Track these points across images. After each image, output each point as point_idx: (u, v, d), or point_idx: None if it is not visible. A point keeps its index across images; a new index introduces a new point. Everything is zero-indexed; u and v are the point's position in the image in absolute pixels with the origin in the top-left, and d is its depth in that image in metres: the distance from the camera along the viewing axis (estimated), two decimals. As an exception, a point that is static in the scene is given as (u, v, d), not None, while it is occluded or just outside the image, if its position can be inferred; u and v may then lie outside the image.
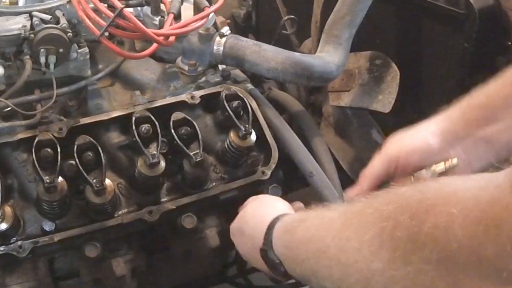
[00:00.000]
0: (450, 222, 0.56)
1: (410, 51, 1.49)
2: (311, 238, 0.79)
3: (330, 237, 0.74)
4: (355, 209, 0.73)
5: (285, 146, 1.35)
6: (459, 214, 0.55)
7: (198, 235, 1.31)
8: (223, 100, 1.29)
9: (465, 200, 0.56)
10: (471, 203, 0.55)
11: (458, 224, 0.55)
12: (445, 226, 0.56)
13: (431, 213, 0.58)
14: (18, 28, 1.22)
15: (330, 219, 0.77)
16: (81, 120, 1.25)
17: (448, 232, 0.56)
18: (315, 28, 1.62)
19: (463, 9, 1.28)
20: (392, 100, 1.44)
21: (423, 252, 0.59)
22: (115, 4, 1.23)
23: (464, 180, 0.61)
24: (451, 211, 0.56)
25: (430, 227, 0.58)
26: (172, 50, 1.45)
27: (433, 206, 0.59)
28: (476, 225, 0.54)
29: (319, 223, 0.79)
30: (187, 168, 1.23)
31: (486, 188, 0.56)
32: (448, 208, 0.57)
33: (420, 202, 0.61)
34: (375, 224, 0.66)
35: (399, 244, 0.61)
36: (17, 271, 1.18)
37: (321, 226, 0.78)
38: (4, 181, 1.18)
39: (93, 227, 1.18)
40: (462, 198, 0.57)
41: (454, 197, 0.58)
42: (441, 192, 0.60)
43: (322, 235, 0.76)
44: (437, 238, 0.57)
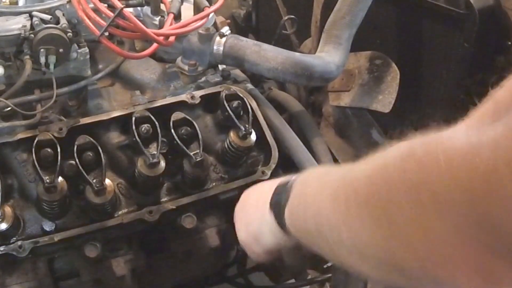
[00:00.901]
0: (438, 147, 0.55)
1: (410, 51, 1.49)
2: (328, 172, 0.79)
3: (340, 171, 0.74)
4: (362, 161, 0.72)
5: (285, 146, 1.35)
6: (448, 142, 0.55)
7: (198, 235, 1.31)
8: (223, 100, 1.29)
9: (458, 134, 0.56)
10: (462, 135, 0.55)
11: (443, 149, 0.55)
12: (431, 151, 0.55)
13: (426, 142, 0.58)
14: (18, 28, 1.22)
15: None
16: (81, 120, 1.25)
17: (432, 155, 0.55)
18: (315, 28, 1.62)
19: (463, 9, 1.28)
20: (392, 100, 1.44)
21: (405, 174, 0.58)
22: (115, 4, 1.23)
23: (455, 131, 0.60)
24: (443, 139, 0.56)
25: (419, 151, 0.57)
26: (172, 50, 1.45)
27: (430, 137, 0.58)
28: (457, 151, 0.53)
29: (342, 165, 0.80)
30: (187, 168, 1.23)
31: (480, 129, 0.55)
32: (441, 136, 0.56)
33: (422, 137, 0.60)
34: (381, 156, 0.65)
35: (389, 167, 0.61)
36: (17, 271, 1.18)
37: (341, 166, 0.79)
38: (4, 181, 1.18)
39: (93, 227, 1.18)
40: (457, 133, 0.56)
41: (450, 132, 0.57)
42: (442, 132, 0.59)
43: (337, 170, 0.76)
44: (421, 161, 0.56)
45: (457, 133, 0.57)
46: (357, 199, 0.65)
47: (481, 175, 0.50)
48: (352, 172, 0.70)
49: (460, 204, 0.52)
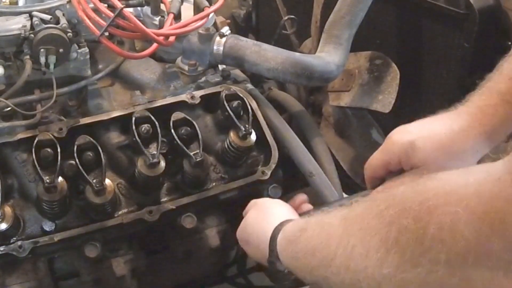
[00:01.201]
0: (455, 221, 0.56)
1: (410, 51, 1.49)
2: (315, 248, 0.79)
3: (334, 245, 0.74)
4: (354, 214, 0.73)
5: (285, 146, 1.35)
6: (463, 213, 0.56)
7: (198, 235, 1.31)
8: (223, 100, 1.29)
9: (467, 197, 0.56)
10: (474, 199, 0.55)
11: (463, 222, 0.55)
12: (450, 226, 0.57)
13: (434, 214, 0.58)
14: (18, 28, 1.22)
15: (330, 226, 0.77)
16: (81, 120, 1.25)
17: (453, 231, 0.56)
18: (315, 28, 1.62)
19: (463, 9, 1.28)
20: (392, 100, 1.44)
21: (431, 254, 0.59)
22: (115, 4, 1.23)
23: (462, 175, 0.60)
24: (455, 210, 0.56)
25: (435, 228, 0.58)
26: (172, 50, 1.45)
27: (435, 207, 0.59)
28: (481, 221, 0.54)
29: (320, 231, 0.79)
30: (187, 168, 1.23)
31: (486, 182, 0.56)
32: (450, 207, 0.57)
33: (422, 204, 0.60)
34: (378, 229, 0.66)
35: (406, 248, 0.61)
36: (17, 271, 1.18)
37: (322, 234, 0.78)
38: (4, 181, 1.18)
39: (93, 227, 1.18)
40: (464, 196, 0.57)
41: (456, 195, 0.58)
42: (441, 191, 0.60)
43: (326, 244, 0.76)
44: (443, 239, 0.57)
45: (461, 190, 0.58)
46: (385, 278, 0.66)
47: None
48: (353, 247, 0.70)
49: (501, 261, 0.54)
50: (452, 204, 0.57)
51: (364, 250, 0.68)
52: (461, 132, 0.92)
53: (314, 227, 0.82)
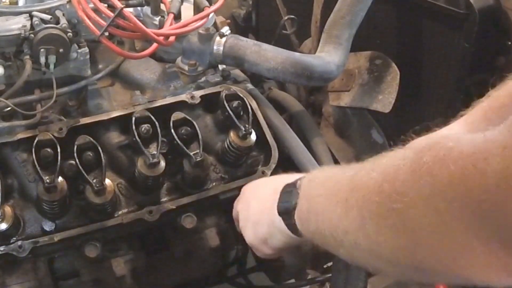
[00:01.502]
0: (447, 155, 0.58)
1: (410, 51, 1.49)
2: (331, 177, 0.81)
3: (346, 178, 0.76)
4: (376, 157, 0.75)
5: (285, 146, 1.35)
6: (455, 149, 0.58)
7: (198, 235, 1.31)
8: (223, 100, 1.29)
9: (463, 138, 0.59)
10: (467, 140, 0.58)
11: (452, 157, 0.58)
12: (441, 159, 0.59)
13: (433, 148, 0.61)
14: (18, 28, 1.22)
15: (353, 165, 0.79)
16: (81, 120, 1.25)
17: (442, 164, 0.59)
18: (315, 28, 1.62)
19: (463, 9, 1.28)
20: (392, 100, 1.44)
21: (418, 183, 0.61)
22: (115, 4, 1.23)
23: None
24: (449, 145, 0.59)
25: (429, 158, 0.60)
26: (172, 50, 1.45)
27: (436, 143, 0.62)
28: (467, 158, 0.56)
29: (345, 167, 0.82)
30: (187, 168, 1.23)
31: (484, 132, 0.59)
32: (447, 143, 0.60)
33: (427, 141, 0.64)
34: (385, 163, 0.69)
35: (400, 176, 0.64)
36: (17, 271, 1.18)
37: (344, 169, 0.80)
38: (4, 181, 1.18)
39: (93, 227, 1.18)
40: (461, 138, 0.60)
41: (455, 137, 0.61)
42: (446, 133, 0.65)
43: (341, 176, 0.78)
44: (432, 170, 0.59)
45: (462, 137, 0.60)
46: (370, 209, 0.68)
47: (493, 184, 0.53)
48: (360, 178, 0.72)
49: (476, 212, 0.56)
50: (450, 141, 0.60)
51: (366, 180, 0.70)
52: None
53: (345, 165, 0.84)
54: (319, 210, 0.80)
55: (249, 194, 1.09)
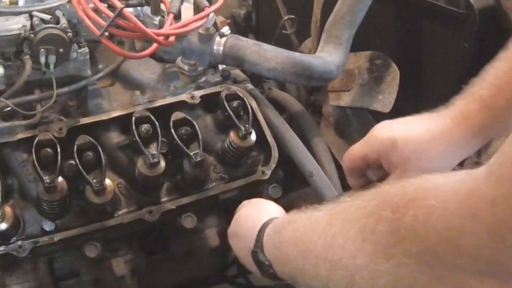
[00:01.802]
0: (429, 214, 0.57)
1: (410, 51, 1.49)
2: (299, 238, 0.81)
3: (316, 235, 0.75)
4: (340, 207, 0.75)
5: (285, 146, 1.35)
6: (438, 206, 0.57)
7: (198, 235, 1.31)
8: (223, 100, 1.29)
9: (444, 192, 0.58)
10: (450, 195, 0.57)
11: (437, 215, 0.57)
12: (424, 219, 0.58)
13: (411, 206, 0.60)
14: (18, 28, 1.22)
15: (316, 218, 0.79)
16: (81, 120, 1.25)
17: (427, 224, 0.57)
18: (315, 28, 1.62)
19: (463, 9, 1.28)
20: (392, 100, 1.44)
21: (403, 244, 0.60)
22: (115, 4, 1.23)
23: (446, 175, 0.62)
24: (430, 203, 0.57)
25: (410, 220, 0.59)
26: (172, 50, 1.45)
27: (413, 199, 0.60)
28: (454, 216, 0.55)
29: (307, 223, 0.81)
30: (187, 168, 1.23)
31: (464, 180, 0.57)
32: (427, 201, 0.58)
33: (402, 197, 0.62)
34: (358, 220, 0.67)
35: (381, 237, 0.63)
36: (17, 271, 1.18)
37: (308, 225, 0.80)
38: (4, 181, 1.18)
39: (93, 227, 1.18)
40: (441, 191, 0.58)
41: (434, 190, 0.59)
42: (422, 186, 0.61)
43: (309, 235, 0.78)
44: (416, 231, 0.59)
45: (441, 189, 0.59)
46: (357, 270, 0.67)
47: (486, 241, 0.53)
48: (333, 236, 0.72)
49: (471, 263, 0.55)
50: (428, 198, 0.58)
51: (342, 240, 0.69)
52: (441, 135, 0.95)
53: (302, 219, 0.83)
54: (302, 272, 0.80)
55: (233, 234, 1.10)
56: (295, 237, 0.82)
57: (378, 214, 0.64)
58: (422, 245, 0.58)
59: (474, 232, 0.53)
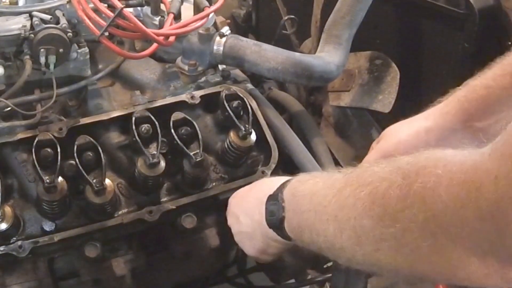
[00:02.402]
0: (437, 183, 0.59)
1: (410, 51, 1.49)
2: (316, 192, 0.82)
3: (332, 194, 0.77)
4: (358, 171, 0.77)
5: (285, 146, 1.35)
6: (445, 176, 0.59)
7: (198, 235, 1.31)
8: (223, 100, 1.29)
9: (451, 163, 0.60)
10: (456, 166, 0.59)
11: (444, 185, 0.58)
12: (432, 187, 0.60)
13: (421, 173, 0.62)
14: (18, 28, 1.22)
15: (336, 179, 0.81)
16: (81, 120, 1.25)
17: (434, 192, 0.59)
18: (315, 28, 1.62)
19: (463, 9, 1.28)
20: (392, 100, 1.44)
21: (411, 210, 0.62)
22: (115, 4, 1.23)
23: (455, 150, 0.64)
24: (438, 172, 0.60)
25: (418, 186, 0.61)
26: (172, 50, 1.45)
27: (423, 167, 0.62)
28: (459, 187, 0.57)
29: (326, 180, 0.83)
30: (187, 168, 1.23)
31: (471, 154, 0.59)
32: (436, 169, 0.60)
33: (413, 164, 0.64)
34: (371, 183, 0.69)
35: (390, 201, 0.65)
36: (17, 271, 1.18)
37: (327, 183, 0.82)
38: (4, 181, 1.18)
39: (93, 227, 1.18)
40: (449, 162, 0.60)
41: (443, 160, 0.61)
42: (433, 156, 0.64)
43: (325, 192, 0.79)
44: (424, 198, 0.60)
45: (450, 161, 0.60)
46: (364, 231, 0.69)
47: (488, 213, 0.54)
48: (346, 197, 0.73)
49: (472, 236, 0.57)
50: (438, 167, 0.60)
51: (353, 200, 0.71)
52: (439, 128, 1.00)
53: (323, 176, 0.86)
54: (311, 226, 0.82)
55: (235, 208, 1.11)
56: (313, 191, 0.83)
57: (389, 180, 0.66)
58: (428, 212, 0.60)
59: (477, 205, 0.55)
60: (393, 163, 0.69)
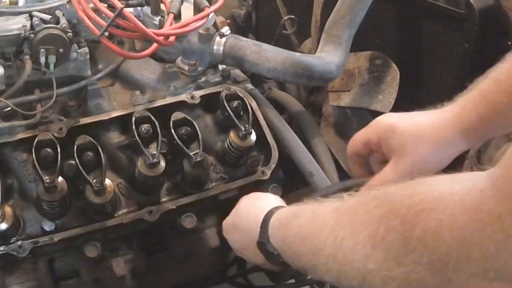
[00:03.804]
0: (439, 227, 0.59)
1: (410, 51, 1.49)
2: (306, 235, 0.82)
3: (324, 235, 0.76)
4: (346, 207, 0.76)
5: (285, 146, 1.35)
6: (447, 220, 0.59)
7: (198, 235, 1.31)
8: (223, 100, 1.29)
9: (452, 205, 0.59)
10: (458, 208, 0.59)
11: (446, 229, 0.59)
12: (434, 232, 0.60)
13: (421, 218, 0.61)
14: (18, 28, 1.22)
15: (323, 216, 0.80)
16: (81, 120, 1.25)
17: (437, 237, 0.59)
18: (315, 28, 1.62)
19: (463, 9, 1.28)
20: (392, 100, 1.44)
21: (414, 255, 0.62)
22: (115, 4, 1.23)
23: (450, 182, 0.63)
24: (439, 217, 0.59)
25: (420, 232, 0.61)
26: (172, 50, 1.45)
27: (422, 211, 0.62)
28: (463, 229, 0.57)
29: (313, 220, 0.82)
30: (187, 168, 1.23)
31: (470, 193, 0.59)
32: (436, 214, 0.60)
33: (409, 208, 0.63)
34: (367, 226, 0.69)
35: (392, 247, 0.65)
36: (17, 271, 1.18)
37: (315, 223, 0.81)
38: (4, 181, 1.18)
39: (93, 227, 1.18)
40: (449, 204, 0.60)
41: (441, 201, 0.61)
42: (429, 197, 0.63)
43: (316, 233, 0.79)
44: (427, 243, 0.60)
45: (449, 201, 0.60)
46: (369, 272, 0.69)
47: (495, 253, 0.55)
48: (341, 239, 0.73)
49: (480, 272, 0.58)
50: (437, 211, 0.60)
51: (352, 244, 0.71)
52: (441, 124, 0.97)
53: (308, 215, 0.84)
54: (314, 267, 0.81)
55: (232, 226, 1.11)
56: (302, 234, 0.83)
57: (387, 224, 0.66)
58: (433, 256, 0.60)
59: (483, 245, 0.56)
60: (386, 200, 0.68)
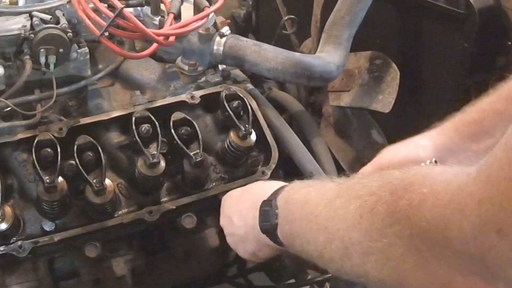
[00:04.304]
0: (422, 201, 0.60)
1: (410, 51, 1.49)
2: (308, 201, 0.83)
3: (323, 204, 0.78)
4: (349, 183, 0.78)
5: (285, 146, 1.35)
6: (430, 196, 0.59)
7: (198, 235, 1.31)
8: (223, 100, 1.29)
9: (437, 182, 0.60)
10: (442, 186, 0.59)
11: (428, 204, 0.59)
12: (417, 205, 0.60)
13: (408, 190, 0.62)
14: (18, 28, 1.22)
15: (328, 188, 0.82)
16: (81, 120, 1.25)
17: (419, 210, 0.60)
18: (315, 28, 1.62)
19: (463, 9, 1.28)
20: (392, 100, 1.44)
21: (397, 226, 0.63)
22: (115, 4, 1.23)
23: (443, 167, 0.65)
24: (423, 190, 0.60)
25: (405, 203, 0.62)
26: (172, 50, 1.45)
27: (410, 184, 0.63)
28: (444, 208, 0.57)
29: (319, 190, 0.84)
30: (187, 168, 1.23)
31: (457, 174, 0.59)
32: (421, 188, 0.61)
33: (401, 180, 0.65)
34: (360, 197, 0.70)
35: (378, 217, 0.66)
36: (17, 271, 1.18)
37: (320, 192, 0.83)
38: (4, 181, 1.18)
39: (93, 227, 1.18)
40: (436, 180, 0.60)
41: (430, 178, 0.61)
42: (420, 172, 0.64)
43: (317, 201, 0.81)
44: (409, 215, 0.61)
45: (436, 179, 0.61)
46: (352, 242, 0.70)
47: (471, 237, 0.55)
48: (336, 208, 0.75)
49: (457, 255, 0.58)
50: (424, 186, 0.61)
51: (343, 212, 0.72)
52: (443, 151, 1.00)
53: (317, 185, 0.87)
54: (302, 234, 0.83)
55: (228, 209, 1.12)
56: (305, 199, 0.84)
57: (378, 195, 0.67)
58: (413, 229, 0.61)
59: (460, 227, 0.55)
60: (384, 177, 0.70)
